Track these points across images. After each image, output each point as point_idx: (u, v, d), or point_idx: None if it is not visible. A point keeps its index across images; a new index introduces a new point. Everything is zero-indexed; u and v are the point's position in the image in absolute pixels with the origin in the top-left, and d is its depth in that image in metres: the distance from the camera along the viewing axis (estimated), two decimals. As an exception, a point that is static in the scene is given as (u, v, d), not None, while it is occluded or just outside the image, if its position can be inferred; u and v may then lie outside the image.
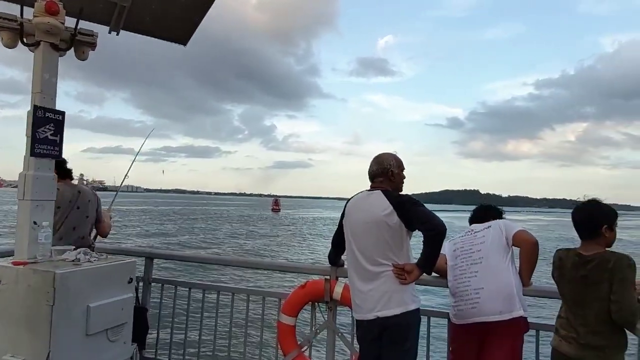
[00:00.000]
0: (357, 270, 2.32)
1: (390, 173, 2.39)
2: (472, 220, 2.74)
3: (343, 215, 2.48)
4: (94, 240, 3.30)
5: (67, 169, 3.08)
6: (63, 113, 2.45)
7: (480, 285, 2.33)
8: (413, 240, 2.32)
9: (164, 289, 3.42)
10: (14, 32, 2.37)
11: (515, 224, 2.47)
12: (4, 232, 23.20)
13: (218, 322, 3.24)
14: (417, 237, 2.26)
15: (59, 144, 2.44)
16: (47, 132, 2.37)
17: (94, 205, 3.23)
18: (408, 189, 2.51)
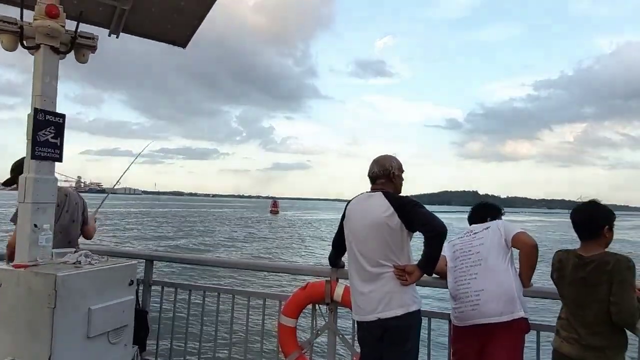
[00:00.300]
0: (357, 272, 2.32)
1: (392, 175, 2.40)
2: (471, 219, 2.75)
3: (344, 217, 2.48)
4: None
5: None
6: (63, 116, 2.45)
7: (480, 287, 2.34)
8: (413, 242, 2.33)
9: (164, 292, 3.42)
10: (14, 35, 2.36)
11: (515, 225, 2.48)
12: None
13: (218, 324, 3.24)
14: (418, 238, 2.27)
15: (60, 147, 2.44)
16: (47, 135, 2.36)
17: (81, 209, 3.18)
18: (407, 190, 2.52)
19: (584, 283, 2.01)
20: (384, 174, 2.40)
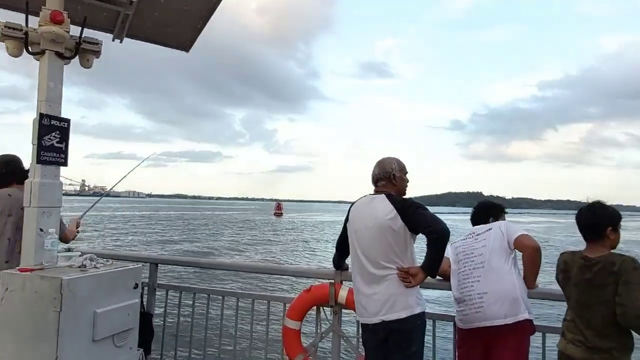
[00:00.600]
0: (361, 274, 2.32)
1: (393, 177, 2.40)
2: (473, 219, 2.73)
3: (347, 219, 2.48)
4: None
5: (25, 172, 2.73)
6: (68, 121, 2.47)
7: (484, 290, 2.33)
8: (416, 244, 2.32)
9: (169, 295, 3.43)
10: (19, 41, 2.40)
11: (517, 227, 2.46)
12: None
13: (223, 327, 3.25)
14: (421, 241, 2.27)
15: (65, 151, 2.46)
16: (52, 139, 2.39)
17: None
18: (411, 192, 2.51)
19: (590, 284, 2.00)
20: (385, 176, 2.40)
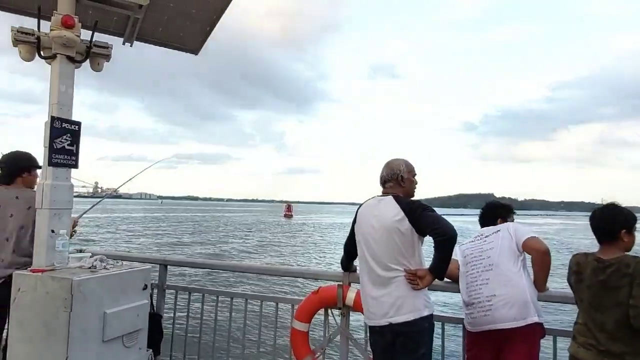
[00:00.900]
0: (369, 276, 2.31)
1: (400, 178, 2.38)
2: (481, 220, 2.71)
3: (355, 221, 2.48)
4: None
5: (23, 169, 2.80)
6: (79, 123, 2.50)
7: (493, 293, 2.31)
8: (424, 247, 2.31)
9: (178, 296, 3.45)
10: (32, 45, 2.44)
11: (526, 229, 2.43)
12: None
13: (231, 328, 3.26)
14: (430, 244, 2.25)
15: (76, 154, 2.49)
16: (64, 142, 2.42)
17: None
18: (421, 194, 2.50)
19: (604, 286, 1.97)
20: (393, 178, 2.39)
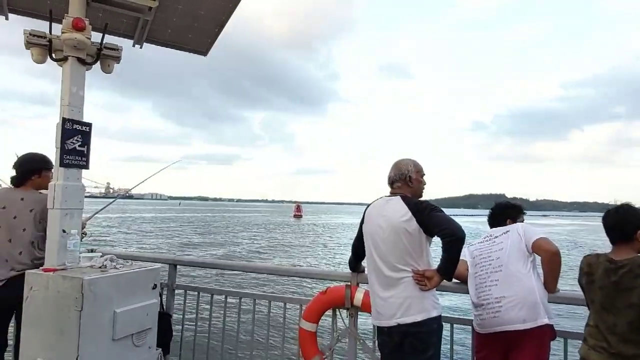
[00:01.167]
0: (377, 277, 2.31)
1: (408, 178, 2.38)
2: (490, 221, 2.69)
3: (362, 221, 2.47)
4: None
5: (33, 171, 2.82)
6: (90, 125, 2.54)
7: (502, 294, 2.29)
8: (432, 248, 2.29)
9: (187, 295, 3.48)
10: (44, 48, 2.48)
11: (535, 230, 2.41)
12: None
13: (240, 328, 3.27)
14: (436, 244, 2.24)
15: (87, 155, 2.53)
16: (75, 143, 2.46)
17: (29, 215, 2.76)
18: (431, 194, 2.49)
19: (616, 287, 1.94)
20: (401, 178, 2.38)
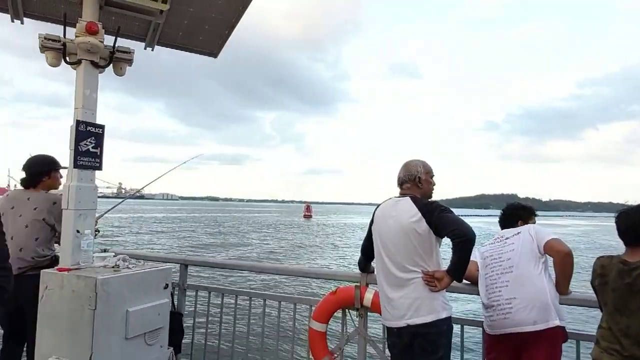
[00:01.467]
0: (386, 277, 2.30)
1: (418, 179, 2.37)
2: (501, 222, 2.67)
3: (372, 222, 2.47)
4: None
5: (42, 174, 2.89)
6: (103, 127, 2.58)
7: (512, 295, 2.27)
8: (442, 248, 2.28)
9: (198, 295, 3.51)
10: (58, 51, 2.53)
11: (547, 231, 2.38)
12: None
13: (250, 327, 3.30)
14: (447, 245, 2.23)
15: (100, 156, 2.57)
16: (88, 145, 2.50)
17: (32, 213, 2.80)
18: (442, 194, 2.46)
19: (630, 289, 1.91)
20: (410, 179, 2.38)
